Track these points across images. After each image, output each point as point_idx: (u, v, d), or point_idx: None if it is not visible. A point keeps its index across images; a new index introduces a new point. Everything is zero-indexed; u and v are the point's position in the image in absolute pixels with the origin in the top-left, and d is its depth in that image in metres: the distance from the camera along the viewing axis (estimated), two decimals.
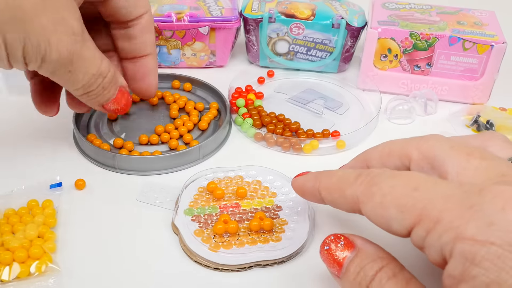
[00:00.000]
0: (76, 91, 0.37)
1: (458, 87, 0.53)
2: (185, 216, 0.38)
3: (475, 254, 0.23)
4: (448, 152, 0.29)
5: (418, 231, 0.26)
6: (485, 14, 0.55)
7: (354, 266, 0.29)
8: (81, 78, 0.35)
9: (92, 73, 0.36)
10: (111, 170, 0.43)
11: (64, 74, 0.35)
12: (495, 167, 0.27)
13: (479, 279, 0.23)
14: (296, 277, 0.35)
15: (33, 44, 0.32)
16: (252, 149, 0.47)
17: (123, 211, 0.39)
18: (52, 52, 0.32)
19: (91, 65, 0.35)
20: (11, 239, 0.35)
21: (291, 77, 0.57)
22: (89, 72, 0.36)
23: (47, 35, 0.32)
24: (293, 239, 0.36)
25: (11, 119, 0.49)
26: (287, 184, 0.41)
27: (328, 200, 0.32)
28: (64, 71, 0.34)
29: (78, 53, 0.34)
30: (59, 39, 0.32)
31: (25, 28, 0.31)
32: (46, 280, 0.33)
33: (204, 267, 0.35)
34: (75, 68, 0.34)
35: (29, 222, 0.36)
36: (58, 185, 0.40)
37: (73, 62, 0.34)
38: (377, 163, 0.33)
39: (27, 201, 0.38)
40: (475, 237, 0.23)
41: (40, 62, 0.33)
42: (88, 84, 0.36)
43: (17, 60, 0.32)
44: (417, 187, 0.26)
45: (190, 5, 0.56)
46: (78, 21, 0.34)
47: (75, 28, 0.33)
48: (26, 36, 0.31)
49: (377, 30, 0.51)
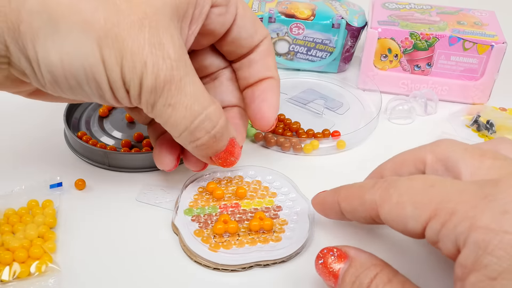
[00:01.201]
0: (182, 137, 0.33)
1: (458, 87, 0.53)
2: (185, 216, 0.38)
3: (488, 243, 0.23)
4: (461, 154, 0.30)
5: (433, 224, 0.26)
6: (485, 14, 0.55)
7: (349, 276, 0.29)
8: (183, 116, 0.32)
9: (196, 112, 0.32)
10: (106, 169, 0.43)
11: (165, 110, 0.31)
12: (508, 165, 0.28)
13: (491, 268, 0.23)
14: (296, 277, 0.35)
15: (130, 65, 0.29)
16: (252, 149, 0.47)
17: (123, 211, 0.39)
18: (148, 75, 0.30)
19: (195, 102, 0.32)
20: (11, 239, 0.35)
21: (291, 77, 0.57)
22: (193, 110, 0.32)
23: (143, 56, 0.29)
24: (293, 239, 0.36)
25: (12, 119, 0.49)
26: (287, 184, 0.41)
27: (347, 210, 0.33)
28: (164, 105, 0.31)
29: (178, 83, 0.31)
30: (156, 63, 0.30)
31: (121, 47, 0.29)
32: (46, 280, 0.33)
33: (204, 267, 0.35)
34: (176, 101, 0.31)
35: (29, 222, 0.36)
36: (58, 185, 0.40)
37: (172, 92, 0.31)
38: (391, 174, 0.34)
39: (27, 201, 0.38)
40: (489, 225, 0.24)
41: (139, 88, 0.30)
42: (194, 127, 0.33)
43: (117, 84, 0.30)
44: (432, 185, 0.27)
45: None
46: (178, 49, 0.31)
47: (171, 54, 0.30)
48: (123, 56, 0.29)
49: (377, 30, 0.51)
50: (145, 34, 0.29)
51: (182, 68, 0.31)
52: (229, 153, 0.36)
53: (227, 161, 0.37)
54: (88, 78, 0.30)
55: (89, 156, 0.44)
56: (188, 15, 0.32)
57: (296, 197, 0.40)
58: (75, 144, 0.45)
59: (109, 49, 0.29)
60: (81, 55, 0.29)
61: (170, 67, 0.30)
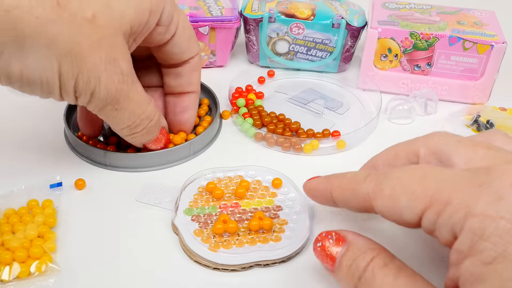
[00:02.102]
0: (122, 131, 0.39)
1: (458, 87, 0.53)
2: (185, 216, 0.38)
3: (484, 230, 0.24)
4: (454, 146, 0.30)
5: (428, 215, 0.26)
6: (485, 14, 0.55)
7: (346, 259, 0.29)
8: (127, 118, 0.37)
9: (138, 114, 0.38)
10: (105, 168, 0.43)
11: (111, 112, 0.36)
12: (501, 155, 0.28)
13: (486, 253, 0.23)
14: (296, 277, 0.35)
15: (84, 79, 0.33)
16: (252, 149, 0.47)
17: (122, 211, 0.39)
18: (101, 89, 0.34)
19: (138, 107, 0.38)
20: (11, 238, 0.35)
21: (292, 77, 0.57)
22: (135, 113, 0.38)
23: (98, 72, 0.34)
24: (292, 239, 0.36)
25: (11, 119, 0.49)
26: (287, 184, 0.41)
27: (339, 200, 0.32)
28: (111, 109, 0.36)
29: (125, 93, 0.36)
30: (109, 77, 0.34)
31: (79, 63, 0.33)
32: (46, 280, 0.33)
33: (204, 267, 0.35)
34: (121, 107, 0.36)
35: (29, 222, 0.37)
36: (58, 185, 0.40)
37: (120, 101, 0.36)
38: (384, 166, 0.34)
39: (27, 201, 0.38)
40: (485, 212, 0.24)
41: (89, 97, 0.35)
42: (134, 125, 0.38)
43: (68, 93, 0.34)
44: (425, 175, 0.27)
45: (190, 5, 0.56)
46: (128, 63, 0.36)
47: (124, 69, 0.35)
48: (79, 71, 0.33)
49: (377, 30, 0.51)
50: (102, 53, 0.33)
51: (130, 81, 0.36)
52: (159, 141, 0.42)
53: (157, 146, 0.42)
54: (42, 88, 0.33)
55: (89, 156, 0.44)
56: (137, 33, 0.37)
57: (295, 197, 0.40)
58: (75, 144, 0.45)
59: (68, 65, 0.32)
60: (41, 69, 0.32)
61: (122, 81, 0.35)
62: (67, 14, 0.32)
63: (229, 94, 0.52)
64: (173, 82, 0.43)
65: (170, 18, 0.38)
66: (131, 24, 0.35)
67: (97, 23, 0.33)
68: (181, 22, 0.39)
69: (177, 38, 0.40)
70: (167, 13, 0.38)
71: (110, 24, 0.34)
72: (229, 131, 0.49)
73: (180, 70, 0.42)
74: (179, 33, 0.39)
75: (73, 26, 0.32)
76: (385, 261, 0.28)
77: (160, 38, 0.39)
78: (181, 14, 0.40)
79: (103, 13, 0.33)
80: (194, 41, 0.42)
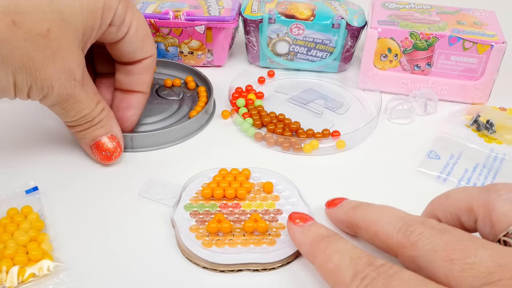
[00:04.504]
0: (66, 123, 0.41)
1: (458, 87, 0.53)
2: (184, 212, 0.37)
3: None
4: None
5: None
6: (485, 14, 0.55)
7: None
8: (72, 115, 0.40)
9: (83, 114, 0.40)
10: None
11: (59, 110, 0.39)
12: None
13: None
14: (287, 284, 0.34)
15: (38, 87, 0.36)
16: (252, 149, 0.47)
17: (124, 206, 0.39)
18: (53, 94, 0.37)
19: (85, 107, 0.40)
20: (5, 247, 0.34)
21: (292, 77, 0.57)
22: (82, 113, 0.40)
23: (51, 82, 0.36)
24: (287, 244, 0.35)
25: (11, 115, 0.49)
26: (289, 187, 0.41)
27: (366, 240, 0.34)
28: (59, 108, 0.39)
29: (76, 96, 0.38)
30: (61, 85, 0.37)
31: (34, 74, 0.35)
32: (57, 276, 0.33)
33: (194, 265, 0.35)
34: (70, 107, 0.39)
35: (16, 230, 0.36)
36: (34, 190, 0.39)
37: (68, 102, 0.38)
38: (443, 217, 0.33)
39: (6, 210, 0.37)
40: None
41: (41, 98, 0.37)
42: (77, 122, 0.40)
43: (22, 96, 0.37)
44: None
45: (191, 3, 0.56)
46: (82, 68, 0.38)
47: (77, 76, 0.38)
48: (33, 81, 0.36)
49: (377, 30, 0.52)
50: (56, 64, 0.36)
51: (81, 85, 0.38)
52: (107, 145, 0.42)
53: (103, 155, 0.42)
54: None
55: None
56: (90, 36, 0.38)
57: (296, 202, 0.39)
58: None
59: (22, 77, 0.35)
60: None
61: (74, 86, 0.38)
62: (21, 31, 0.34)
63: (229, 94, 0.52)
64: (123, 78, 0.44)
65: (122, 19, 0.39)
66: (84, 31, 0.37)
67: (52, 37, 0.35)
68: (134, 23, 0.41)
69: (129, 38, 0.41)
70: (119, 15, 0.39)
71: (65, 36, 0.36)
72: (229, 131, 0.49)
73: (132, 68, 0.43)
74: (131, 33, 0.41)
75: (27, 42, 0.34)
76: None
77: (112, 37, 0.40)
78: (136, 15, 0.41)
79: (58, 27, 0.35)
80: (148, 43, 0.43)
